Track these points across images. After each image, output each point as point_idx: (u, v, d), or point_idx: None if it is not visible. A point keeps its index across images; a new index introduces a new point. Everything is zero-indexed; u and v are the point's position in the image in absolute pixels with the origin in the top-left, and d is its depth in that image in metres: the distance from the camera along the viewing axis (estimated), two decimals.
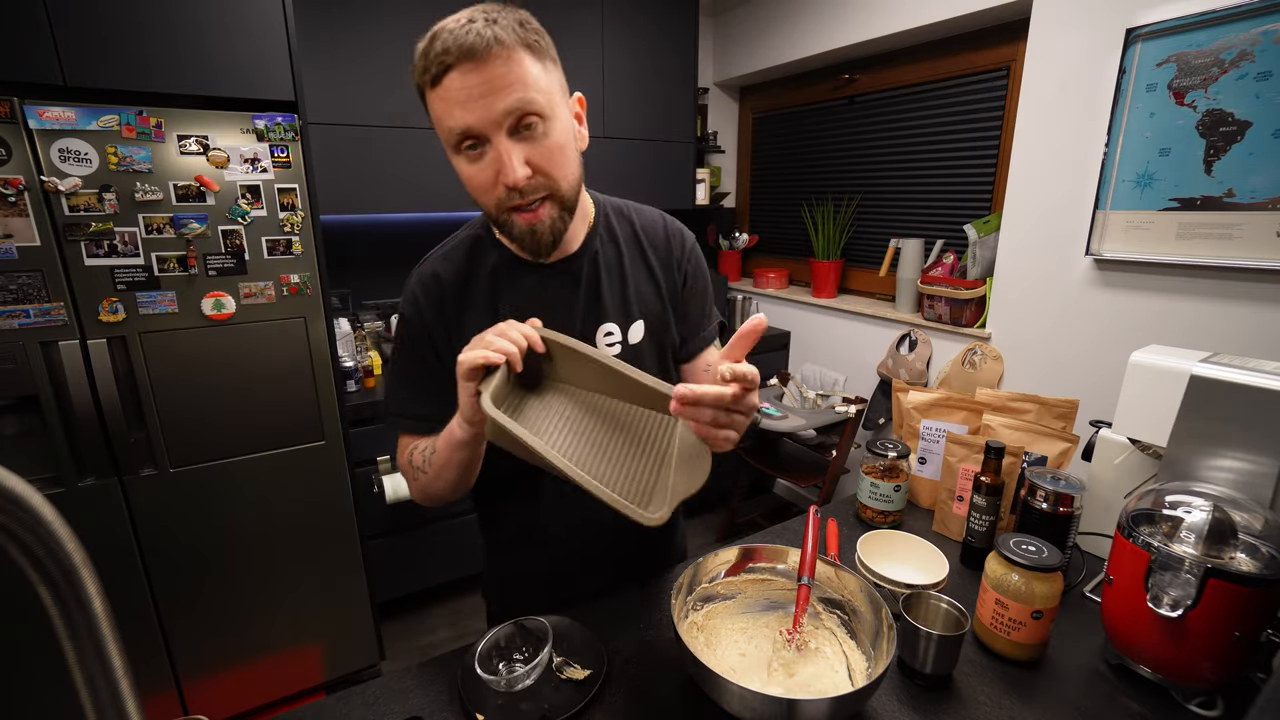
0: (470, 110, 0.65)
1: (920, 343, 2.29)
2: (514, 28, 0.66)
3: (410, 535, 2.17)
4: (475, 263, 0.84)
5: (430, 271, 0.84)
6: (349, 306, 2.40)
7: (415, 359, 0.85)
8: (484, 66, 0.64)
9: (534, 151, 0.69)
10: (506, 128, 0.67)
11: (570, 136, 0.74)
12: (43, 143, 1.31)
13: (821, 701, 0.63)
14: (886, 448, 1.18)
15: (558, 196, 0.73)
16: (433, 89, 0.67)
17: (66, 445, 1.43)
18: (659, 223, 0.91)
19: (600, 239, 0.86)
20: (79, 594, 0.32)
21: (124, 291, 1.44)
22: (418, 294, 0.84)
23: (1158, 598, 0.73)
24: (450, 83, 0.65)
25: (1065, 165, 1.79)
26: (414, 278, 0.85)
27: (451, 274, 0.84)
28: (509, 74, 0.65)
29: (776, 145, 3.07)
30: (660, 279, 0.89)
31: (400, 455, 0.88)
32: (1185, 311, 1.60)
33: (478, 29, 0.64)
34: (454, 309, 0.83)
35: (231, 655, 1.72)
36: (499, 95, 0.65)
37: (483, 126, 0.66)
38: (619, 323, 0.86)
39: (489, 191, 0.71)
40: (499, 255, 0.84)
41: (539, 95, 0.68)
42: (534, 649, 0.82)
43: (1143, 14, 1.56)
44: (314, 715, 0.77)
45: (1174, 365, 0.91)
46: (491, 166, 0.69)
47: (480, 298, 0.83)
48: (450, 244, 0.87)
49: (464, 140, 0.68)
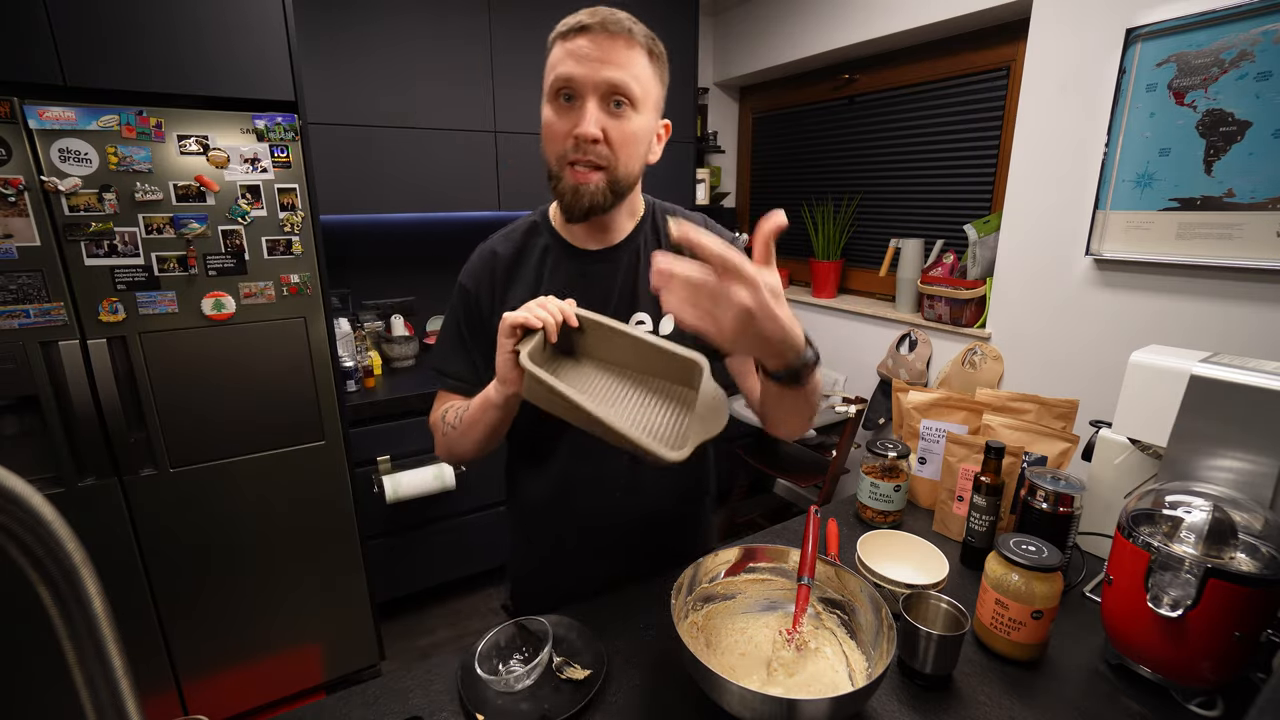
0: (582, 66, 0.76)
1: (920, 343, 2.29)
2: (648, 34, 0.80)
3: (410, 535, 2.17)
4: (529, 243, 0.93)
5: (490, 248, 0.94)
6: (349, 306, 2.40)
7: (462, 324, 0.94)
8: (610, 42, 0.76)
9: (611, 125, 0.78)
10: (600, 94, 0.77)
11: (645, 138, 0.83)
12: (43, 143, 1.31)
13: (821, 701, 0.63)
14: (886, 448, 1.18)
15: (611, 174, 0.81)
16: (561, 41, 0.78)
17: (66, 445, 1.43)
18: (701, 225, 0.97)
19: (644, 235, 0.93)
20: (79, 594, 0.32)
21: (124, 291, 1.44)
22: (476, 266, 0.94)
23: (1158, 598, 0.73)
24: (579, 40, 0.76)
25: (1065, 165, 1.79)
26: (476, 252, 0.95)
27: (507, 251, 0.93)
28: (625, 58, 0.77)
29: (776, 145, 3.07)
30: None
31: (434, 411, 0.96)
32: (1185, 311, 1.60)
33: (621, 18, 0.77)
34: (502, 283, 0.91)
35: (231, 655, 1.72)
36: (608, 67, 0.76)
37: (583, 84, 0.76)
38: (651, 313, 0.92)
39: (559, 140, 0.79)
40: (550, 239, 0.92)
41: (637, 87, 0.78)
42: (534, 649, 0.82)
43: (1143, 14, 1.56)
44: (314, 715, 0.77)
45: (1174, 365, 0.91)
46: (571, 119, 0.78)
47: (527, 275, 0.91)
48: (512, 226, 0.96)
49: (563, 89, 0.78)
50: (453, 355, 0.95)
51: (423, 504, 2.15)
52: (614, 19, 0.76)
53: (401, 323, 2.39)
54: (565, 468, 0.94)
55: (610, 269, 0.91)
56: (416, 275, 2.54)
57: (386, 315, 2.45)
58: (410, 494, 2.01)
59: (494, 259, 0.92)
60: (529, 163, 2.36)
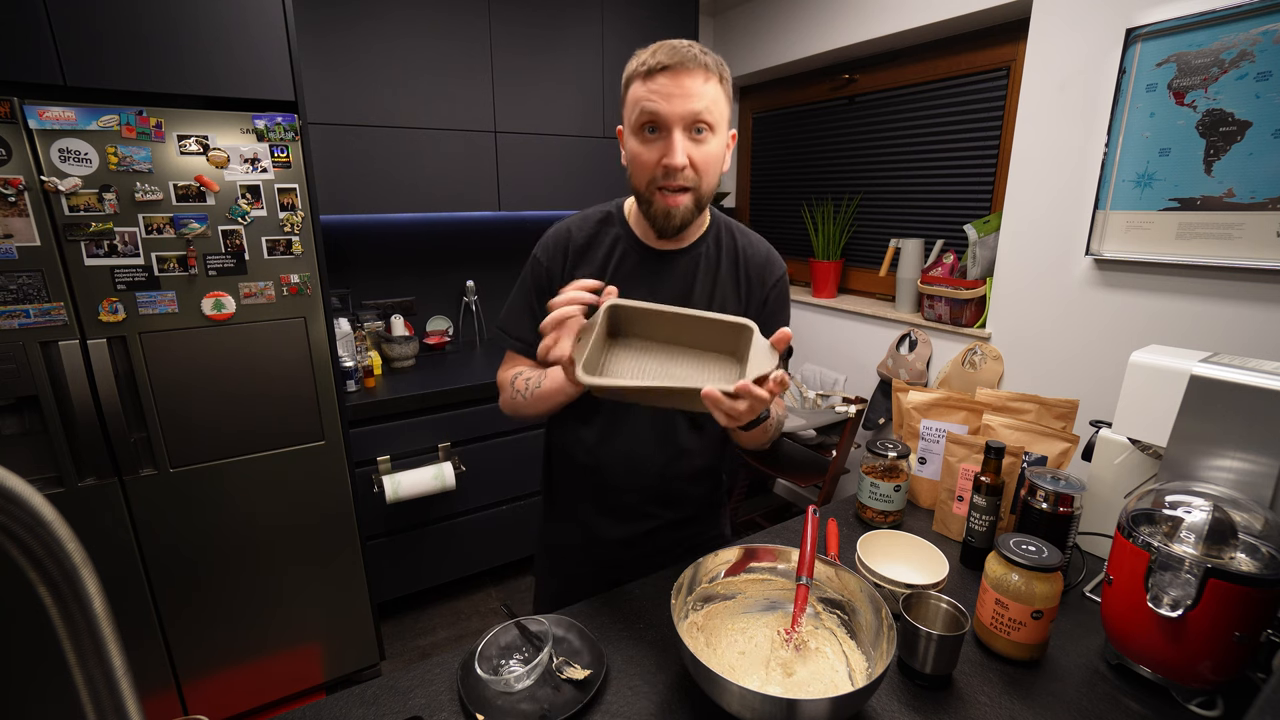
0: (667, 102, 0.83)
1: (920, 343, 2.29)
2: (718, 63, 0.87)
3: (410, 535, 2.17)
4: (601, 232, 1.00)
5: (565, 228, 1.01)
6: (349, 306, 2.40)
7: (531, 291, 1.01)
8: (690, 76, 0.83)
9: (695, 151, 0.86)
10: (684, 125, 0.84)
11: (721, 155, 0.90)
12: (43, 143, 1.31)
13: (821, 701, 0.63)
14: (886, 448, 1.18)
15: (696, 194, 0.89)
16: (643, 80, 0.85)
17: (66, 445, 1.43)
18: (762, 249, 1.05)
19: (707, 245, 1.01)
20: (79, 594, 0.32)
21: (124, 291, 1.44)
22: (550, 241, 1.01)
23: (1158, 598, 0.73)
24: (660, 79, 0.83)
25: (1065, 165, 1.79)
26: (552, 229, 1.02)
27: (581, 234, 1.00)
28: (702, 89, 0.84)
29: (776, 145, 3.07)
30: (744, 292, 1.02)
31: (504, 370, 1.04)
32: (1185, 311, 1.60)
33: (695, 52, 0.84)
34: (573, 262, 0.99)
35: (231, 655, 1.72)
36: (691, 99, 0.83)
37: (670, 117, 0.84)
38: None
39: (649, 169, 0.87)
40: (622, 231, 0.99)
41: (715, 112, 0.86)
42: (534, 649, 0.82)
43: (1143, 14, 1.56)
44: (314, 715, 0.77)
45: (1174, 365, 0.91)
46: (659, 149, 0.86)
47: (596, 260, 0.98)
48: (587, 212, 1.03)
49: (649, 122, 0.85)
50: (520, 320, 1.02)
51: (423, 504, 2.15)
52: (690, 55, 0.83)
53: (401, 323, 2.39)
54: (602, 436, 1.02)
55: (673, 270, 0.98)
56: (416, 275, 2.54)
57: (386, 315, 2.45)
58: (410, 494, 2.01)
59: (568, 238, 0.99)
60: (529, 163, 2.36)
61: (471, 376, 2.20)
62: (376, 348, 2.33)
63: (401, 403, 2.02)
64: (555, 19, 2.30)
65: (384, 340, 2.33)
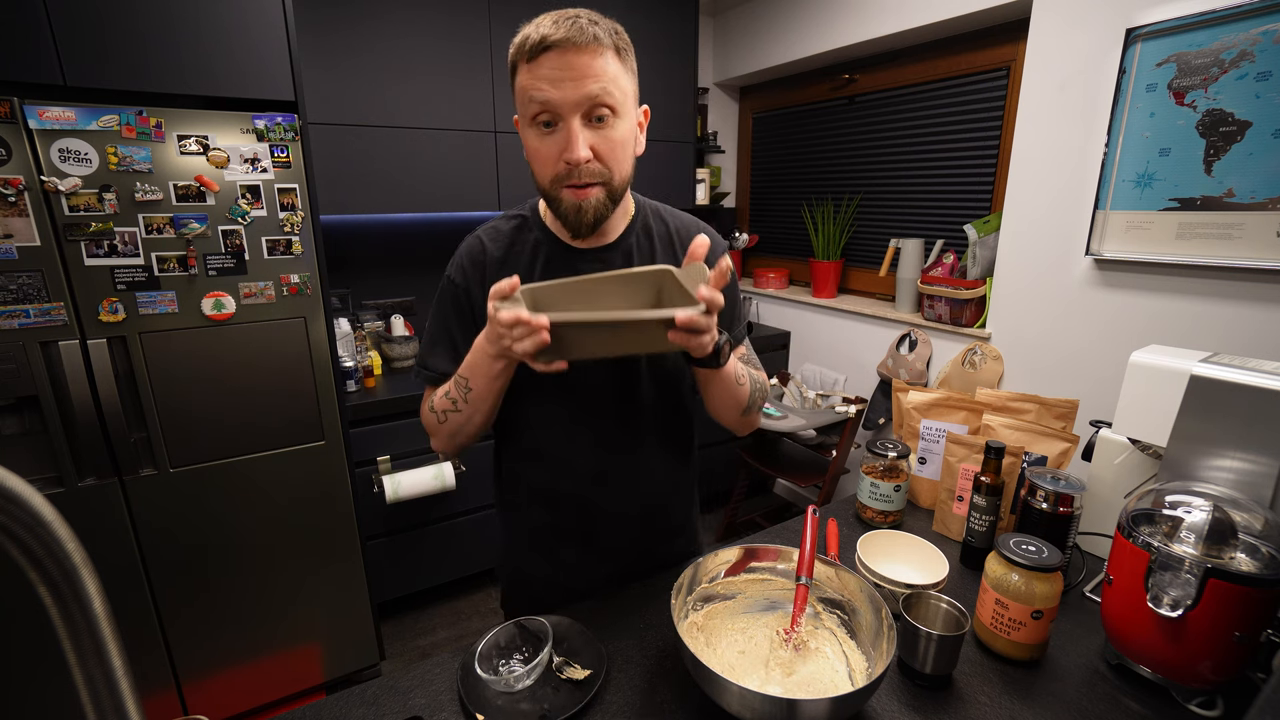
0: (556, 88, 0.73)
1: (920, 343, 2.29)
2: (611, 32, 0.76)
3: (410, 535, 2.17)
4: (518, 239, 0.91)
5: (477, 241, 0.92)
6: (349, 306, 2.40)
7: (450, 316, 0.92)
8: (578, 55, 0.72)
9: (598, 140, 0.77)
10: (581, 112, 0.75)
11: (631, 138, 0.81)
12: (43, 143, 1.31)
13: (821, 701, 0.63)
14: (886, 448, 1.18)
15: (608, 185, 0.80)
16: (527, 64, 0.74)
17: (66, 445, 1.43)
18: (695, 229, 0.96)
19: (637, 234, 0.92)
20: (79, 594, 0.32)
21: (124, 291, 1.44)
22: (463, 260, 0.91)
23: (1158, 598, 0.73)
24: (545, 61, 0.73)
25: (1065, 165, 1.79)
26: (463, 246, 0.93)
27: (496, 246, 0.91)
28: (596, 67, 0.73)
29: (776, 145, 3.07)
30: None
31: (424, 405, 0.95)
32: (1185, 311, 1.60)
33: (581, 24, 0.73)
34: (491, 277, 0.89)
35: (231, 655, 1.72)
36: (583, 81, 0.73)
37: (562, 106, 0.74)
38: None
39: (550, 165, 0.78)
40: (541, 235, 0.90)
41: (616, 92, 0.75)
42: (534, 649, 0.82)
43: (1143, 14, 1.56)
44: (314, 715, 0.77)
45: (1174, 365, 0.91)
46: (558, 143, 0.76)
47: (516, 269, 0.89)
48: (495, 222, 0.94)
49: (541, 114, 0.75)
50: (440, 351, 0.93)
51: (423, 504, 2.15)
52: (577, 29, 0.72)
53: (401, 323, 2.39)
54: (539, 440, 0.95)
55: (602, 267, 0.88)
56: (416, 275, 2.54)
57: (386, 315, 2.45)
58: (410, 494, 2.01)
59: (484, 254, 0.90)
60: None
61: None
62: (376, 348, 2.33)
63: (401, 403, 2.02)
64: None
65: (384, 340, 2.33)
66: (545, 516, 0.99)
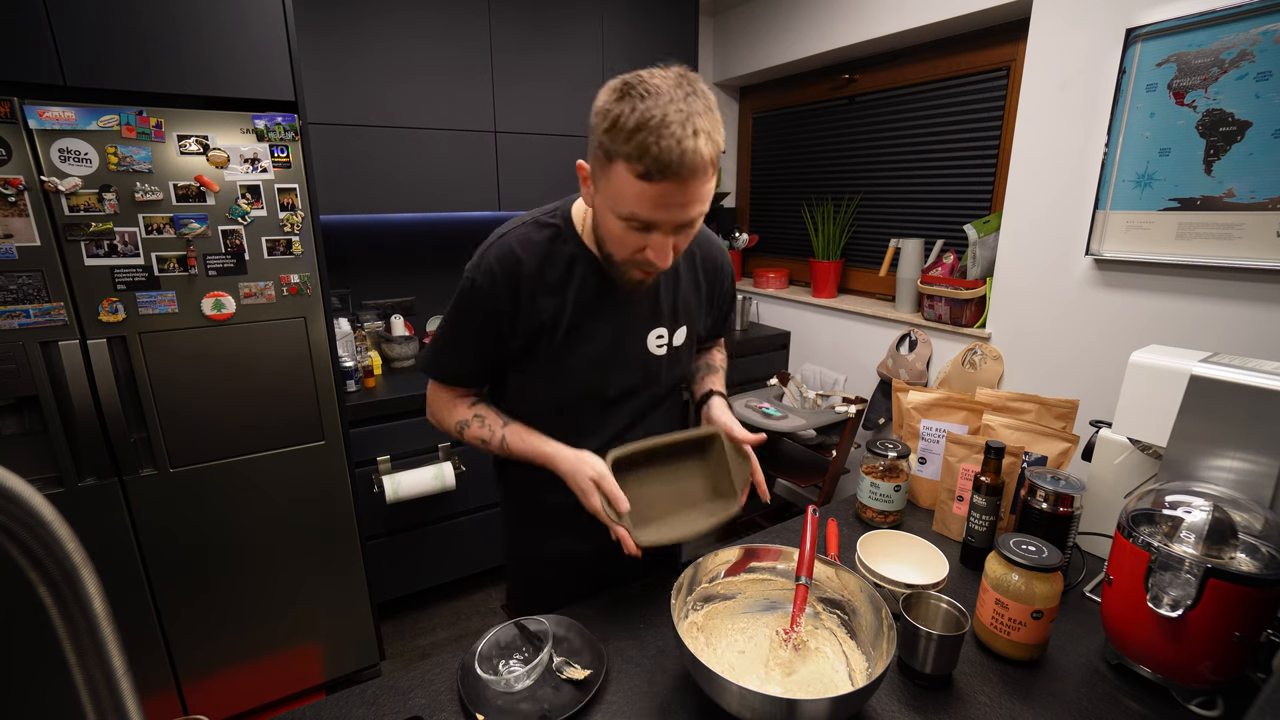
0: (664, 212, 0.73)
1: (920, 343, 2.29)
2: (717, 145, 0.72)
3: (410, 535, 2.17)
4: (554, 253, 0.90)
5: (510, 252, 0.88)
6: (349, 306, 2.40)
7: (469, 323, 0.91)
8: (691, 185, 0.72)
9: (682, 242, 0.80)
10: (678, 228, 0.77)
11: None
12: (43, 143, 1.31)
13: (821, 701, 0.63)
14: (886, 448, 1.18)
15: None
16: (642, 180, 0.71)
17: (66, 445, 1.43)
18: (716, 250, 1.04)
19: None
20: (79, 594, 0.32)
21: (124, 291, 1.44)
22: (494, 267, 0.88)
23: (1158, 598, 0.73)
24: (662, 188, 0.71)
25: (1065, 165, 1.79)
26: (493, 251, 0.89)
27: (531, 259, 0.88)
28: (702, 193, 0.74)
29: (776, 145, 3.07)
30: (704, 296, 1.03)
31: (444, 408, 0.99)
32: (1185, 311, 1.60)
33: (700, 148, 0.69)
34: (527, 289, 0.88)
35: (231, 655, 1.72)
36: (688, 209, 0.74)
37: (664, 225, 0.75)
38: (668, 327, 0.98)
39: (629, 251, 0.80)
40: (577, 249, 0.90)
41: (708, 201, 0.77)
42: (534, 649, 0.82)
43: (1143, 14, 1.56)
44: (314, 715, 0.77)
45: (1174, 365, 0.91)
46: (643, 240, 0.78)
47: (552, 287, 0.89)
48: (530, 227, 0.91)
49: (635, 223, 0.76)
50: (459, 361, 0.95)
51: (423, 504, 2.15)
52: (697, 156, 0.69)
53: (401, 323, 2.39)
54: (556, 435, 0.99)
55: (636, 285, 0.91)
56: (416, 275, 2.54)
57: (386, 315, 2.45)
58: (410, 494, 2.01)
59: (518, 266, 0.87)
60: (529, 163, 2.36)
61: None
62: (376, 348, 2.33)
63: (401, 403, 2.02)
64: (555, 19, 2.30)
65: (384, 340, 2.33)
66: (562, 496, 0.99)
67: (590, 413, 0.97)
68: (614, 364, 0.94)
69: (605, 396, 0.96)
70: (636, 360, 0.96)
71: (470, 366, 0.96)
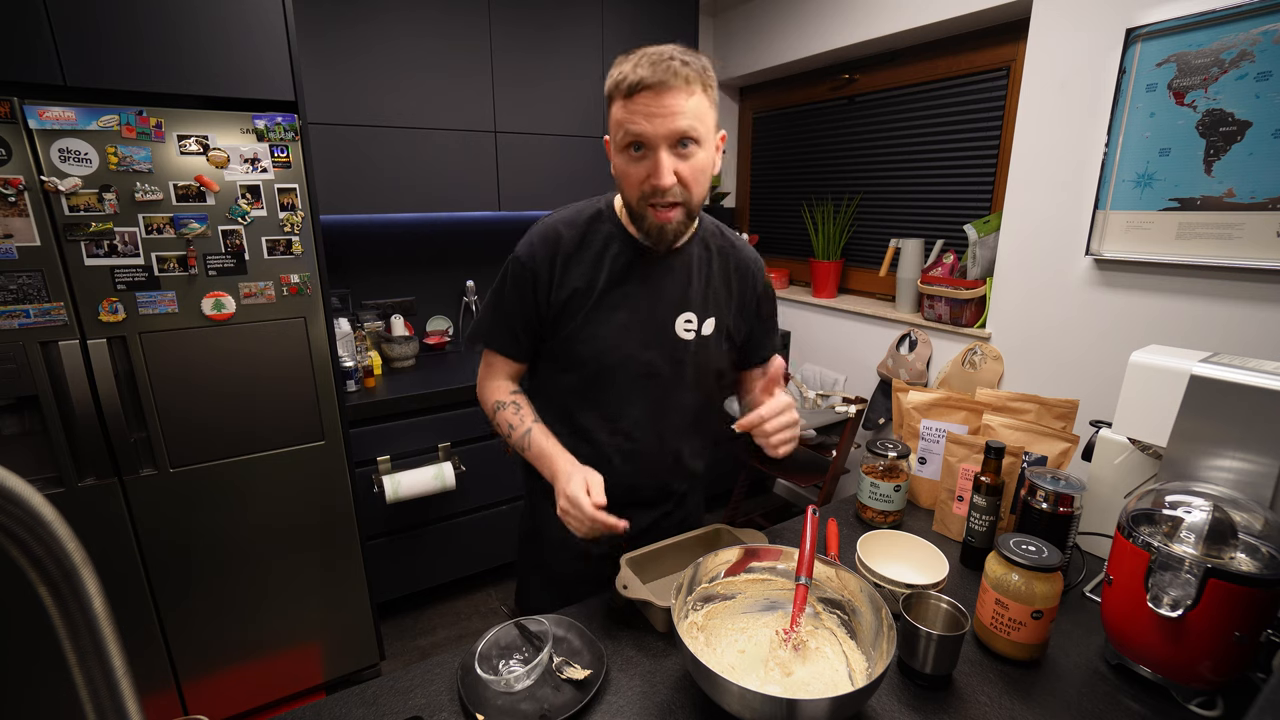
0: (649, 123, 0.82)
1: (920, 343, 2.29)
2: (701, 70, 0.84)
3: (410, 535, 2.17)
4: (592, 231, 0.98)
5: (553, 228, 0.98)
6: (349, 306, 2.40)
7: (515, 298, 0.99)
8: (671, 95, 0.81)
9: (682, 166, 0.86)
10: (669, 143, 0.84)
11: (709, 164, 0.90)
12: (43, 143, 1.31)
13: (821, 701, 0.63)
14: (886, 448, 1.18)
15: (687, 206, 0.89)
16: (623, 100, 0.83)
17: (66, 445, 1.43)
18: (749, 256, 1.09)
19: (699, 245, 1.02)
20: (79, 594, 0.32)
21: (124, 291, 1.44)
22: (537, 242, 0.97)
23: (1158, 598, 0.73)
24: (641, 99, 0.82)
25: (1065, 165, 1.79)
26: (538, 228, 0.99)
27: (571, 235, 0.97)
28: (685, 104, 0.82)
29: (776, 145, 3.07)
30: (735, 296, 1.06)
31: (490, 380, 1.05)
32: (1185, 311, 1.60)
33: (676, 65, 0.81)
34: (562, 263, 0.97)
35: (231, 655, 1.72)
36: (673, 118, 0.82)
37: (653, 138, 0.83)
38: (697, 314, 1.01)
39: (637, 186, 0.87)
40: (614, 228, 0.98)
41: (700, 125, 0.84)
42: (534, 649, 0.82)
43: (1143, 14, 1.56)
44: (314, 715, 0.77)
45: (1174, 365, 0.91)
46: (645, 167, 0.86)
47: (588, 260, 0.97)
48: (575, 210, 1.01)
49: (633, 143, 0.85)
50: (503, 331, 1.02)
51: (423, 504, 2.15)
52: (671, 70, 0.80)
53: (401, 323, 2.39)
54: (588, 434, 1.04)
55: (666, 269, 0.98)
56: (416, 275, 2.54)
57: (386, 315, 2.45)
58: (410, 494, 2.01)
59: (559, 240, 0.97)
60: (529, 163, 2.36)
61: (471, 377, 2.19)
62: (376, 348, 2.33)
63: (401, 403, 2.02)
64: (555, 19, 2.30)
65: (384, 340, 2.33)
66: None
67: (616, 391, 1.00)
68: (641, 336, 0.98)
69: (630, 371, 0.99)
70: (665, 339, 1.00)
71: (512, 335, 1.01)
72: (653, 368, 1.00)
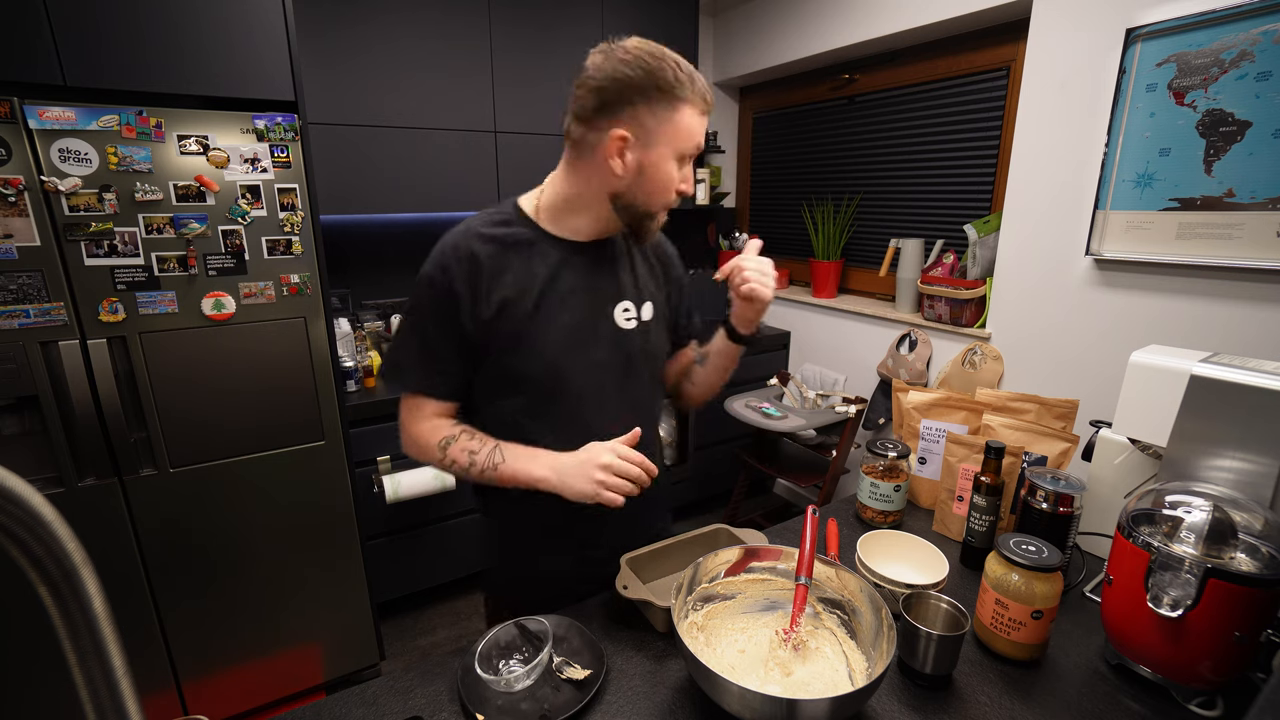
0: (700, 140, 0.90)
1: (920, 343, 2.29)
2: None
3: (410, 535, 2.17)
4: (509, 237, 0.93)
5: (467, 250, 0.90)
6: (349, 306, 2.40)
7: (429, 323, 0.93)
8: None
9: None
10: None
11: None
12: (43, 143, 1.31)
13: (821, 701, 0.63)
14: (886, 448, 1.18)
15: None
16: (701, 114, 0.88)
17: (66, 445, 1.43)
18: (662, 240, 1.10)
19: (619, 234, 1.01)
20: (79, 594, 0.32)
21: (124, 291, 1.44)
22: (449, 261, 0.90)
23: (1158, 598, 0.73)
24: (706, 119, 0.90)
25: (1065, 165, 1.79)
26: (445, 248, 0.92)
27: (489, 254, 0.91)
28: None
29: (776, 145, 3.07)
30: (660, 277, 1.07)
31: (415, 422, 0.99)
32: (1185, 311, 1.60)
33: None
34: (487, 276, 0.90)
35: (231, 655, 1.72)
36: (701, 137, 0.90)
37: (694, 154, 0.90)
38: (634, 301, 1.00)
39: (672, 190, 0.91)
40: (532, 231, 0.95)
41: None
42: (534, 649, 0.82)
43: (1143, 14, 1.56)
44: (314, 715, 0.77)
45: (1174, 365, 0.91)
46: (680, 175, 0.91)
47: (514, 267, 0.92)
48: (479, 220, 0.95)
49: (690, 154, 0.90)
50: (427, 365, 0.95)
51: (423, 504, 2.15)
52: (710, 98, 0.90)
53: None
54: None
55: (594, 260, 0.97)
56: (416, 275, 2.53)
57: (386, 315, 2.45)
58: (410, 494, 2.01)
59: (473, 254, 0.90)
60: (529, 163, 2.36)
61: None
62: (376, 348, 2.33)
63: None
64: (555, 19, 2.30)
65: (384, 340, 2.33)
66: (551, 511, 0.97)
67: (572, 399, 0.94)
68: (586, 336, 0.94)
69: (583, 375, 0.94)
70: (608, 334, 0.96)
71: (441, 372, 0.95)
72: (604, 365, 0.96)
